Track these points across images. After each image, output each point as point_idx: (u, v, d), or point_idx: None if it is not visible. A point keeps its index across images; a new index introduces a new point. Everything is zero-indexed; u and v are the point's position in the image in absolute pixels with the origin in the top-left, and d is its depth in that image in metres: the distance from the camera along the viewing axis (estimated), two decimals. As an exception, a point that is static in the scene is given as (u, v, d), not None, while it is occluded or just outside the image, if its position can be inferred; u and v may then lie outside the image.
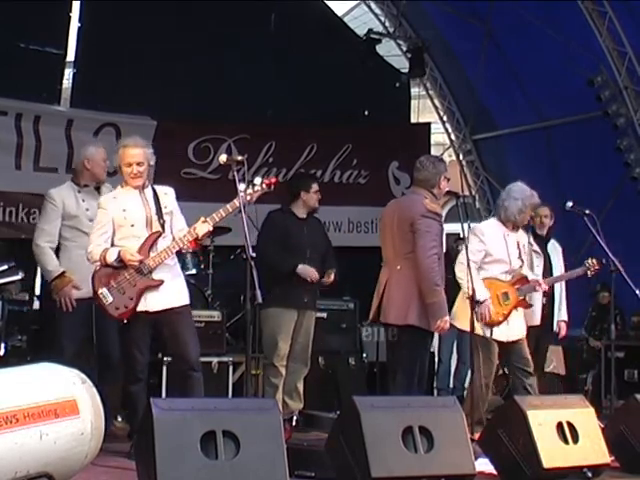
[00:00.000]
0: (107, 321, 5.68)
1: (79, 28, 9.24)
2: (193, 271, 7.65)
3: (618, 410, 6.00)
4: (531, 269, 7.04)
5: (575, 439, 4.95)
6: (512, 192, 6.61)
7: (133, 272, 5.26)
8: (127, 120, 9.08)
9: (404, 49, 11.63)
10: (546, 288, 6.86)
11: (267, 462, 4.08)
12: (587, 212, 6.83)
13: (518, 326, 6.51)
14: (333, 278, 6.75)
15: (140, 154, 5.33)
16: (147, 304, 5.29)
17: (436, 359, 8.89)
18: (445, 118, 12.21)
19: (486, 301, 6.25)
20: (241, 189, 5.21)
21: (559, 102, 10.42)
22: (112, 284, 5.25)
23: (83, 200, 5.88)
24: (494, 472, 5.06)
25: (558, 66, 9.93)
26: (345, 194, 10.28)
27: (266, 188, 5.29)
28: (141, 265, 5.25)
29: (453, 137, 12.29)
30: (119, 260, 5.25)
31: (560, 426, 4.94)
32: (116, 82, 9.17)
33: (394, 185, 10.69)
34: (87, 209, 5.86)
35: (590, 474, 4.96)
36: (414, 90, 12.19)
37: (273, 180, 5.36)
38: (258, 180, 5.28)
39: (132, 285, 5.25)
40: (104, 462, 4.87)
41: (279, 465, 4.10)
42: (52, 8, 8.83)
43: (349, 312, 8.32)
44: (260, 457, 4.06)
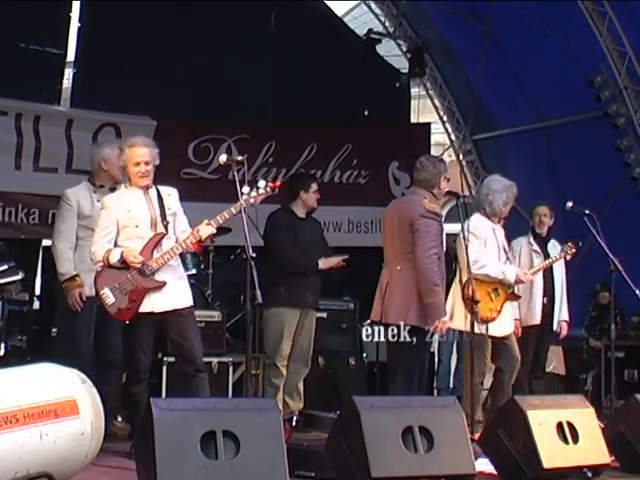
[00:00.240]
0: (109, 321, 5.69)
1: (79, 28, 9.23)
2: (193, 271, 7.64)
3: (618, 410, 6.01)
4: (531, 269, 7.06)
5: (575, 439, 4.96)
6: (493, 186, 6.71)
7: (136, 273, 5.23)
8: (127, 120, 9.08)
9: (404, 49, 11.62)
10: (532, 278, 6.89)
11: (267, 462, 4.08)
12: (587, 212, 6.85)
13: (508, 321, 6.63)
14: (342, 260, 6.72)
15: (147, 153, 5.31)
16: (152, 305, 5.26)
17: (436, 359, 8.89)
18: (445, 118, 12.21)
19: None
20: (245, 191, 5.22)
21: (559, 102, 10.41)
22: (114, 285, 5.22)
23: (98, 200, 5.88)
24: (494, 472, 5.06)
25: (558, 66, 9.92)
26: (345, 194, 10.27)
27: (270, 191, 5.31)
28: (144, 266, 5.23)
29: (453, 137, 12.28)
30: (122, 261, 5.23)
31: (560, 426, 4.94)
32: (116, 82, 9.16)
33: (394, 185, 10.67)
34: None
35: (590, 474, 4.97)
36: (414, 90, 12.18)
37: (278, 184, 5.40)
38: (262, 183, 5.29)
39: (134, 286, 5.23)
40: (104, 462, 4.87)
41: (279, 465, 4.10)
42: (52, 8, 8.82)
43: (349, 312, 8.32)
44: (260, 457, 4.06)
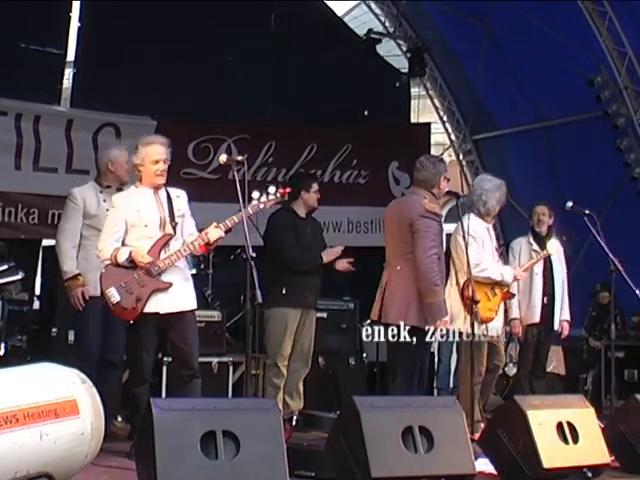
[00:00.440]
0: (111, 321, 5.71)
1: (79, 28, 9.22)
2: (193, 271, 7.59)
3: (618, 410, 6.01)
4: (531, 268, 7.07)
5: (575, 439, 4.96)
6: (485, 185, 6.74)
7: (142, 273, 5.21)
8: (127, 120, 9.07)
9: (404, 49, 11.62)
10: (525, 275, 6.90)
11: (267, 462, 4.08)
12: (587, 212, 6.85)
13: (500, 323, 6.68)
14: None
15: (164, 152, 5.33)
16: (158, 306, 5.24)
17: (436, 359, 8.88)
18: (445, 118, 12.20)
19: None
20: (255, 196, 5.25)
21: (559, 102, 10.41)
22: (120, 284, 5.20)
23: (104, 200, 5.92)
24: (494, 472, 5.06)
25: (558, 66, 9.92)
26: (345, 194, 10.27)
27: (280, 197, 5.37)
28: (151, 267, 5.21)
29: (453, 137, 12.28)
30: (130, 260, 5.21)
31: (560, 426, 4.94)
32: (116, 82, 9.15)
33: (394, 185, 10.67)
34: (107, 209, 5.88)
35: (590, 474, 4.97)
36: (414, 90, 12.18)
37: (288, 190, 5.47)
38: (272, 189, 5.32)
39: (140, 286, 5.20)
40: (104, 462, 4.87)
41: (279, 465, 4.10)
42: (52, 8, 8.82)
43: (349, 312, 8.32)
44: (260, 457, 4.06)
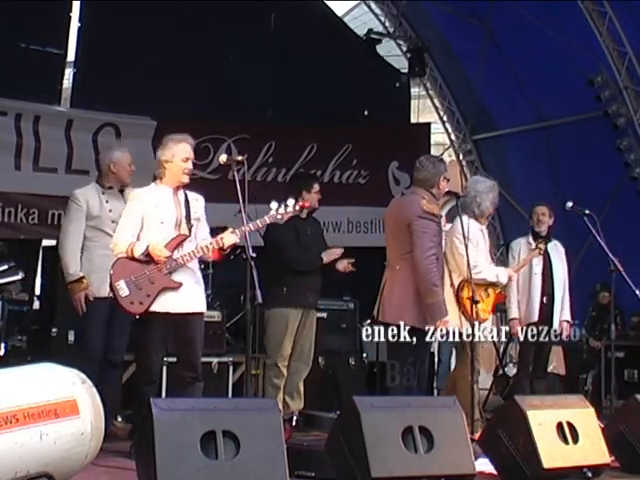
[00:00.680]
0: (113, 321, 5.70)
1: (79, 28, 9.23)
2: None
3: (618, 410, 6.00)
4: (530, 268, 7.08)
5: (575, 439, 4.95)
6: (479, 187, 6.75)
7: (154, 269, 5.18)
8: (127, 120, 9.08)
9: (404, 49, 11.63)
10: (516, 275, 6.93)
11: (267, 462, 4.08)
12: (587, 212, 6.85)
13: (489, 324, 6.68)
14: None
15: (192, 151, 5.35)
16: (167, 305, 5.21)
17: (436, 359, 8.88)
18: (445, 118, 12.21)
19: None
20: (273, 207, 5.26)
21: (559, 102, 10.41)
22: (131, 278, 5.16)
23: (107, 201, 5.93)
24: (494, 472, 5.06)
25: (558, 66, 9.93)
26: (345, 194, 10.26)
27: (298, 211, 5.39)
28: (166, 262, 5.18)
29: (453, 137, 12.29)
30: (146, 254, 5.18)
31: (560, 426, 4.94)
32: (116, 82, 9.15)
33: (394, 185, 10.68)
34: (110, 210, 5.92)
35: (590, 474, 4.96)
36: (414, 90, 12.18)
37: (307, 204, 5.51)
38: (291, 202, 5.30)
39: (150, 283, 5.17)
40: (104, 462, 4.87)
41: (279, 465, 4.09)
42: (52, 8, 8.82)
43: (349, 312, 8.32)
44: (260, 457, 4.06)
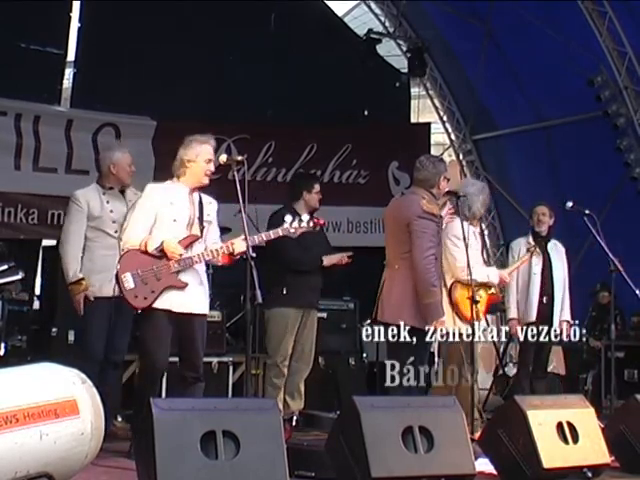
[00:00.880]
0: (115, 321, 5.70)
1: (79, 28, 9.23)
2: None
3: (618, 410, 6.01)
4: (530, 268, 7.08)
5: (575, 439, 4.95)
6: (470, 189, 6.75)
7: (162, 266, 5.16)
8: (127, 120, 9.08)
9: (404, 49, 11.63)
10: (508, 278, 6.94)
11: (267, 462, 4.08)
12: (587, 212, 6.85)
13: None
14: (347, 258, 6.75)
15: (214, 154, 5.36)
16: (171, 303, 5.19)
17: (436, 359, 8.87)
18: (445, 118, 12.21)
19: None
20: (287, 220, 5.28)
21: (559, 102, 10.42)
22: (137, 271, 5.13)
23: (107, 202, 5.93)
24: (494, 472, 5.06)
25: (558, 66, 9.93)
26: (345, 194, 10.26)
27: (311, 227, 5.37)
28: (177, 262, 5.17)
29: (453, 137, 12.29)
30: (160, 249, 5.17)
31: (560, 426, 4.94)
32: (116, 82, 9.15)
33: (394, 185, 10.68)
34: (111, 210, 5.92)
35: (590, 474, 4.96)
36: (414, 90, 12.18)
37: (321, 222, 5.47)
38: (306, 217, 5.33)
39: (157, 279, 5.15)
40: (104, 462, 4.88)
41: (279, 465, 4.10)
42: (52, 8, 8.82)
43: (349, 312, 8.32)
44: (260, 457, 4.06)
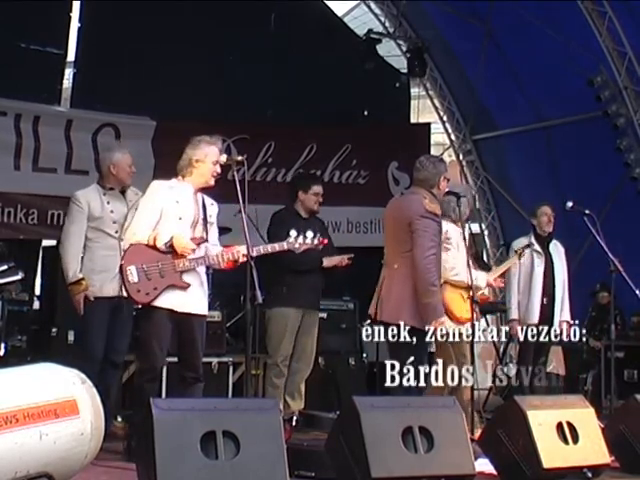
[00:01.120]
0: (115, 321, 5.69)
1: (79, 28, 9.22)
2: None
3: (618, 410, 6.01)
4: (532, 269, 7.08)
5: (575, 439, 4.96)
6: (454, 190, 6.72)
7: (168, 264, 5.16)
8: (126, 120, 9.08)
9: (404, 49, 11.63)
10: (500, 283, 7.00)
11: (267, 462, 4.08)
12: (587, 212, 6.85)
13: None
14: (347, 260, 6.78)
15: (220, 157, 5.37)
16: (172, 303, 5.20)
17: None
18: (445, 118, 12.20)
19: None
20: (292, 234, 5.31)
21: (559, 102, 10.41)
22: (142, 266, 5.12)
23: (108, 202, 5.94)
24: (494, 472, 5.07)
25: (558, 66, 9.93)
26: (344, 194, 10.25)
27: (315, 245, 5.42)
28: (183, 260, 5.17)
29: (453, 137, 12.28)
30: (169, 245, 5.17)
31: (560, 426, 4.94)
32: (116, 82, 9.14)
33: (393, 185, 10.68)
34: (112, 211, 5.93)
35: (590, 474, 4.97)
36: (414, 90, 12.19)
37: (325, 242, 5.55)
38: (310, 234, 5.36)
39: (160, 276, 5.15)
40: (104, 462, 4.87)
41: (279, 465, 4.10)
42: (52, 8, 8.82)
43: (349, 312, 8.33)
44: (260, 457, 4.07)
